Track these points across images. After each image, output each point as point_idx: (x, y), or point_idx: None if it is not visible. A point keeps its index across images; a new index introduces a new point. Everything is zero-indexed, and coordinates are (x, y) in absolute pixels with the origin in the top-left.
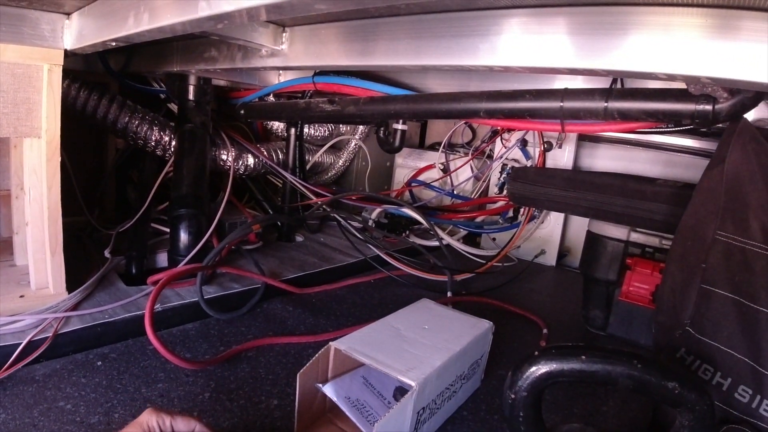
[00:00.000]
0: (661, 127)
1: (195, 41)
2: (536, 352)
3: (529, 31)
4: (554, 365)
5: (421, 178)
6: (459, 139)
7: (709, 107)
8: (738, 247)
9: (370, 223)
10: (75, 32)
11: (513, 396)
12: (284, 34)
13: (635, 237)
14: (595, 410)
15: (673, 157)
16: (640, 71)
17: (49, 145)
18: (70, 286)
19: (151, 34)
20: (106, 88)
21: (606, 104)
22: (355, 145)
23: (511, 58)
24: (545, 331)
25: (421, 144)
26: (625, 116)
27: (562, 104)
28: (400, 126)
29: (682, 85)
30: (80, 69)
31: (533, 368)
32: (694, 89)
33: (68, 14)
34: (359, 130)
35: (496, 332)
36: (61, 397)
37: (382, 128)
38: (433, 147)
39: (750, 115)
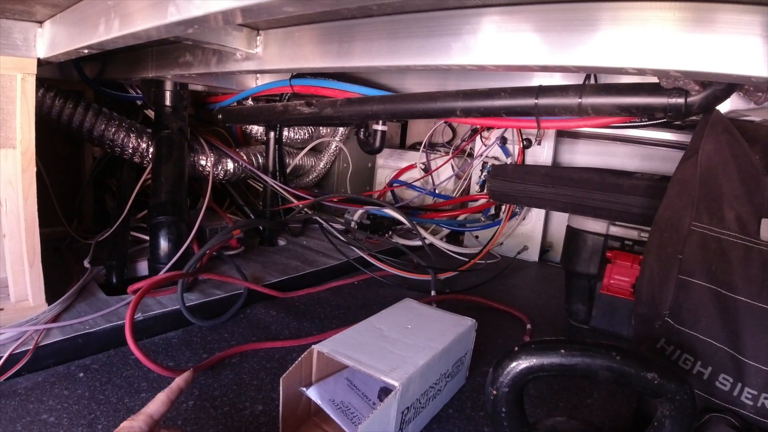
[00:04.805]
0: (635, 122)
1: (169, 46)
2: (516, 348)
3: (500, 29)
4: (534, 360)
5: (402, 178)
6: (439, 139)
7: (681, 100)
8: (714, 237)
9: (353, 224)
10: (48, 41)
11: (495, 392)
12: (258, 38)
13: (614, 230)
14: (580, 403)
15: (651, 151)
16: (609, 66)
17: (24, 156)
18: (50, 298)
19: (124, 40)
20: (82, 95)
21: (580, 100)
22: (336, 147)
23: (483, 57)
24: (529, 326)
25: (402, 144)
26: (599, 112)
27: (536, 101)
28: (380, 127)
29: (655, 80)
30: (55, 77)
31: (513, 364)
32: (666, 83)
33: (41, 23)
34: (339, 132)
35: (480, 329)
36: (44, 409)
37: (362, 129)
38: (414, 147)
39: (724, 107)
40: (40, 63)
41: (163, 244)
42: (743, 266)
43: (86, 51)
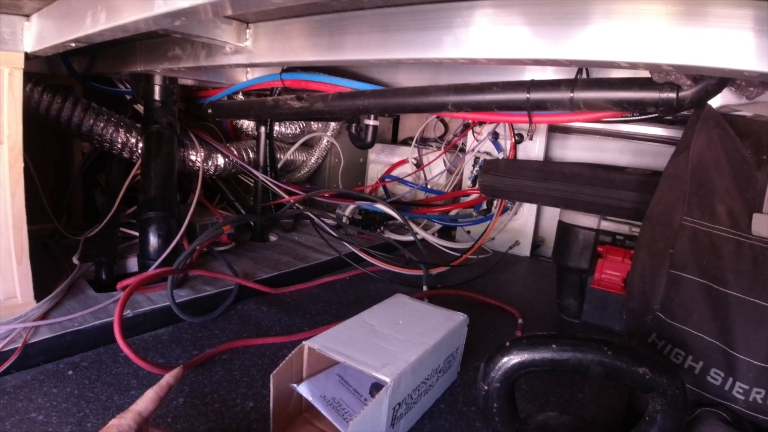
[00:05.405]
0: (627, 116)
1: (158, 40)
2: (507, 343)
3: (492, 22)
4: (526, 355)
5: (394, 173)
6: (431, 134)
7: (672, 95)
8: (705, 232)
9: (344, 220)
10: (35, 34)
11: (486, 387)
12: (248, 31)
13: (606, 225)
14: (572, 398)
15: (642, 146)
16: (602, 60)
17: (12, 152)
18: (39, 295)
19: (112, 32)
20: (70, 90)
21: (572, 95)
22: (327, 142)
23: (475, 50)
24: (520, 321)
25: (394, 139)
26: (590, 106)
27: (528, 96)
28: (371, 122)
29: (646, 74)
30: (44, 72)
31: (505, 359)
32: (658, 77)
33: (28, 16)
34: (331, 127)
35: (472, 324)
36: (33, 408)
37: (353, 124)
38: (406, 142)
39: (715, 102)
40: (28, 57)
41: (153, 240)
42: (734, 261)
43: (73, 44)
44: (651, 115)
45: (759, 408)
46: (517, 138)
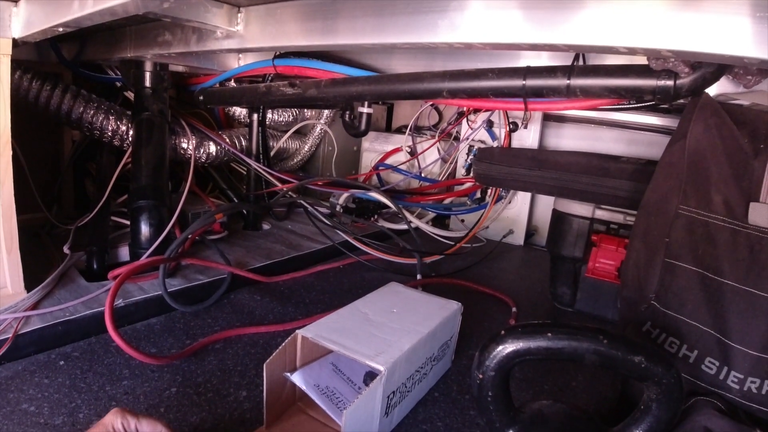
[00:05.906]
0: (624, 104)
1: (148, 25)
2: (502, 331)
3: (488, 6)
4: (521, 344)
5: (388, 161)
6: (425, 122)
7: (670, 83)
8: (701, 221)
9: (338, 208)
10: (23, 20)
11: (481, 376)
12: (239, 15)
13: (600, 214)
14: (565, 386)
15: (637, 135)
16: (600, 45)
17: (0, 140)
18: (29, 285)
19: (101, 16)
20: (60, 78)
21: (568, 81)
22: (321, 129)
23: (470, 35)
24: (514, 309)
25: (388, 127)
26: (587, 93)
27: (524, 82)
28: (365, 109)
29: (644, 61)
30: (32, 59)
31: (500, 347)
32: (656, 65)
33: (16, 1)
34: (324, 115)
35: (466, 313)
36: (24, 399)
37: (347, 112)
38: (400, 130)
39: (712, 90)
40: (16, 44)
41: (144, 229)
42: (730, 250)
43: (61, 29)
44: (647, 103)
45: (753, 397)
46: (511, 126)
